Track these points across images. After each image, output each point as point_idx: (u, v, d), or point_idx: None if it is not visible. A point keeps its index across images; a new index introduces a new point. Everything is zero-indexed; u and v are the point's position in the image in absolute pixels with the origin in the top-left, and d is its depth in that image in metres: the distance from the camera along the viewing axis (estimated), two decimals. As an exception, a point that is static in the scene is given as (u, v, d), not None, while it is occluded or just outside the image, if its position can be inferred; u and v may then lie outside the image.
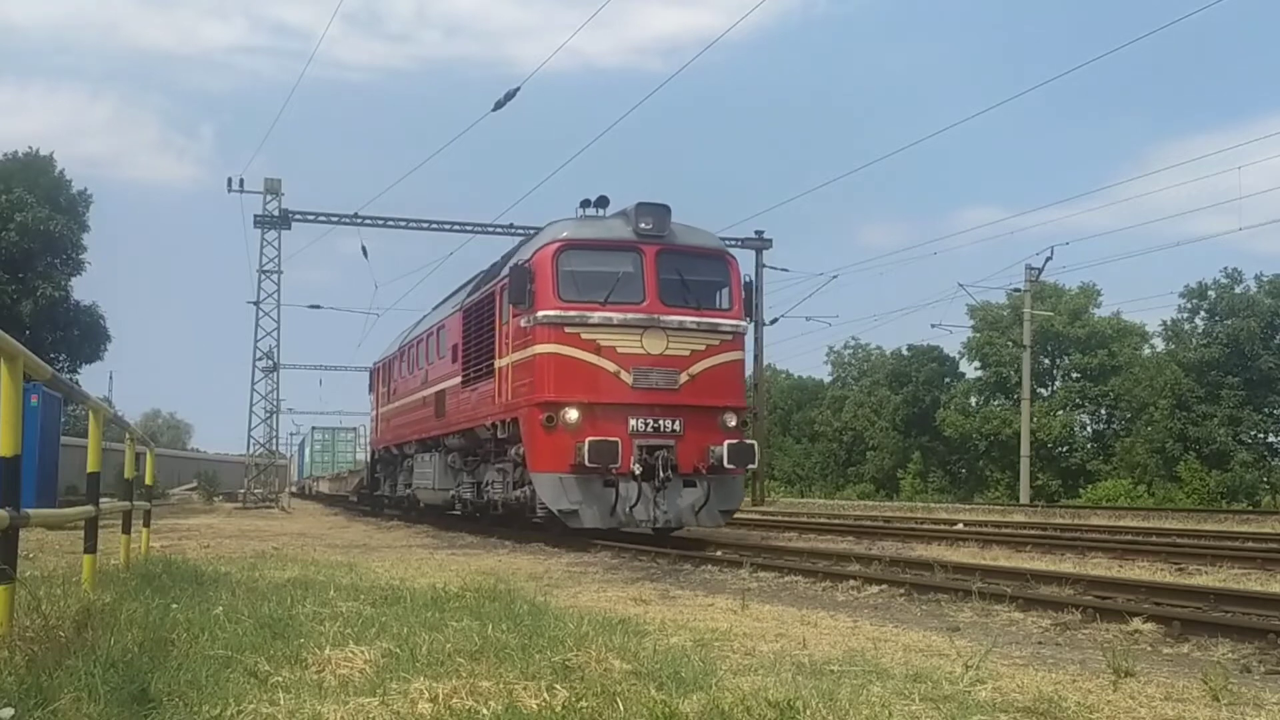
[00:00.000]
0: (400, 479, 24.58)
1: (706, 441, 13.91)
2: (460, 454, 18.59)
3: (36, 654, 3.96)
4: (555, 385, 13.80)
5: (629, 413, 13.64)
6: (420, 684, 3.87)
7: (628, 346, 13.84)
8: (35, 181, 40.02)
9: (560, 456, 13.49)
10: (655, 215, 14.42)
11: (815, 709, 3.72)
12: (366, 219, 34.14)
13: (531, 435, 13.97)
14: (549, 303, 13.98)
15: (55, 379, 5.35)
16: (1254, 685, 4.78)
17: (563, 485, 13.49)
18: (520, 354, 14.61)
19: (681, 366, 14.01)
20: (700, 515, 13.82)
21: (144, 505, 11.01)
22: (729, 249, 16.37)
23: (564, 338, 13.84)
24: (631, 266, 14.22)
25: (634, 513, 13.37)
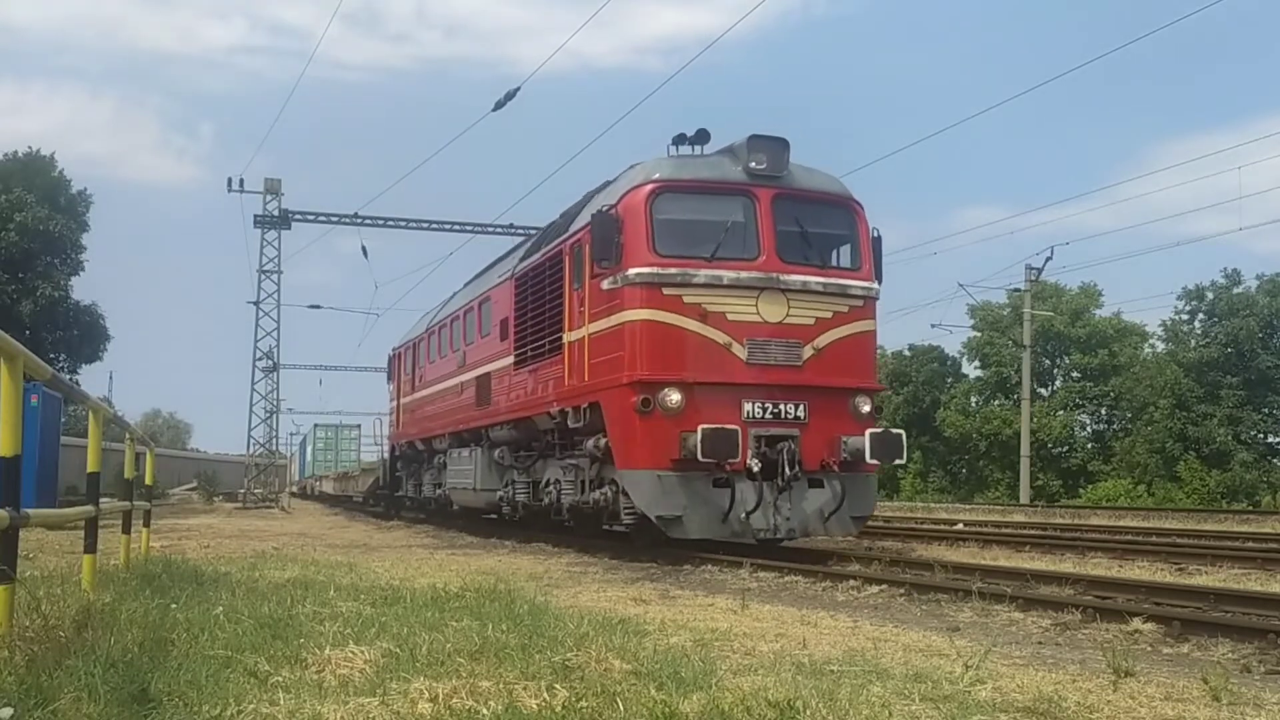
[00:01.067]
0: (427, 478, 21.85)
1: (836, 431, 11.57)
2: (510, 448, 15.93)
3: (36, 654, 3.95)
4: (652, 360, 11.32)
5: (742, 395, 11.25)
6: (420, 684, 3.87)
7: (740, 312, 11.40)
8: (35, 181, 40.05)
9: (659, 449, 11.03)
10: (771, 151, 11.91)
11: (815, 709, 3.72)
12: (366, 219, 34.20)
13: (621, 423, 11.45)
14: (642, 257, 11.42)
15: (55, 379, 5.35)
16: (1254, 685, 4.77)
17: (662, 485, 11.03)
18: (602, 323, 11.99)
19: (805, 338, 11.60)
20: (830, 523, 11.49)
21: (144, 505, 11.00)
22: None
23: (662, 301, 11.35)
24: (742, 214, 11.74)
25: (751, 520, 10.99)
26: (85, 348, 42.80)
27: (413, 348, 23.85)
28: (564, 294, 13.18)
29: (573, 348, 12.83)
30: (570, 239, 13.20)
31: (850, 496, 11.52)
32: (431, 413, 20.97)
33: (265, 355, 35.20)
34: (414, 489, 23.39)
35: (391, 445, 26.02)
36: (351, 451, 57.95)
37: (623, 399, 11.36)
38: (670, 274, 11.41)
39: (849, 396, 11.88)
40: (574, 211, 14.16)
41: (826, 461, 11.50)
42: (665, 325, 11.37)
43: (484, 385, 16.96)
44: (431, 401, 21.08)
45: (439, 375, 20.60)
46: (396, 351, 26.08)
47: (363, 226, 34.33)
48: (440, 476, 20.18)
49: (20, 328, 34.69)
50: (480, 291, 18.14)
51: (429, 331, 22.14)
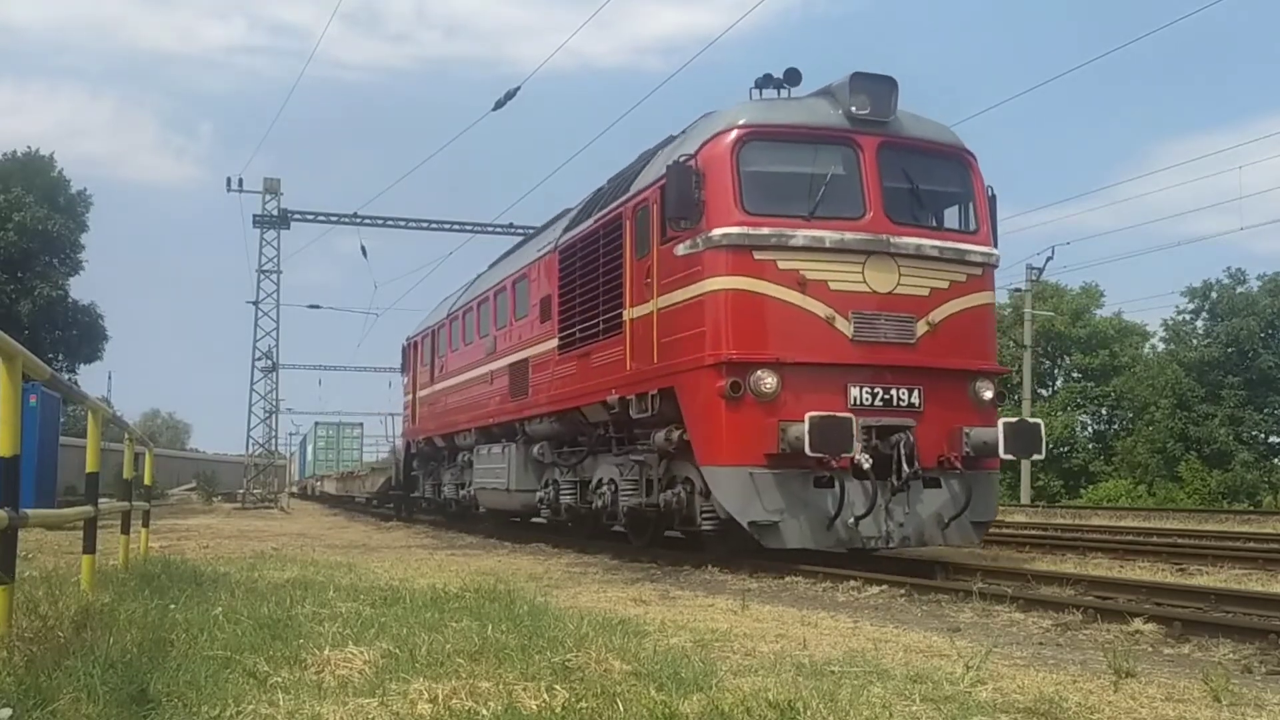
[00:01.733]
0: (448, 477, 20.15)
1: (955, 421, 10.10)
2: (552, 444, 14.35)
3: (35, 654, 3.95)
4: (742, 337, 9.78)
5: (848, 378, 9.79)
6: (420, 685, 3.87)
7: (844, 281, 9.90)
8: (34, 181, 40.09)
9: (751, 442, 9.56)
10: (876, 93, 10.33)
11: (816, 709, 3.71)
12: (366, 219, 34.21)
13: (703, 412, 9.95)
14: (729, 215, 9.87)
15: (54, 379, 5.34)
16: (1255, 686, 4.77)
17: (755, 485, 9.53)
18: (677, 296, 10.43)
19: (919, 311, 10.11)
20: (949, 530, 9.97)
21: (143, 505, 10.99)
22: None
23: (752, 267, 9.80)
24: (844, 166, 10.23)
25: (861, 527, 9.51)
26: (84, 347, 42.86)
27: (432, 335, 21.94)
28: (624, 265, 11.66)
29: (636, 326, 11.31)
30: (632, 200, 11.63)
31: (973, 499, 9.98)
32: (454, 405, 19.32)
33: (264, 355, 35.21)
34: (432, 489, 21.81)
35: (406, 442, 24.12)
36: (354, 451, 57.11)
37: (705, 383, 9.86)
38: (762, 235, 9.81)
39: (969, 380, 10.38)
40: (631, 172, 12.58)
41: (945, 457, 9.96)
42: (757, 296, 9.83)
43: (519, 373, 15.32)
44: (455, 393, 19.40)
45: (464, 364, 18.86)
46: (412, 340, 23.97)
47: (362, 226, 34.36)
48: (464, 476, 18.57)
49: (19, 327, 34.71)
50: (514, 269, 16.36)
51: (451, 317, 20.26)
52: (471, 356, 18.33)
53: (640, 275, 11.26)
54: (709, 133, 10.47)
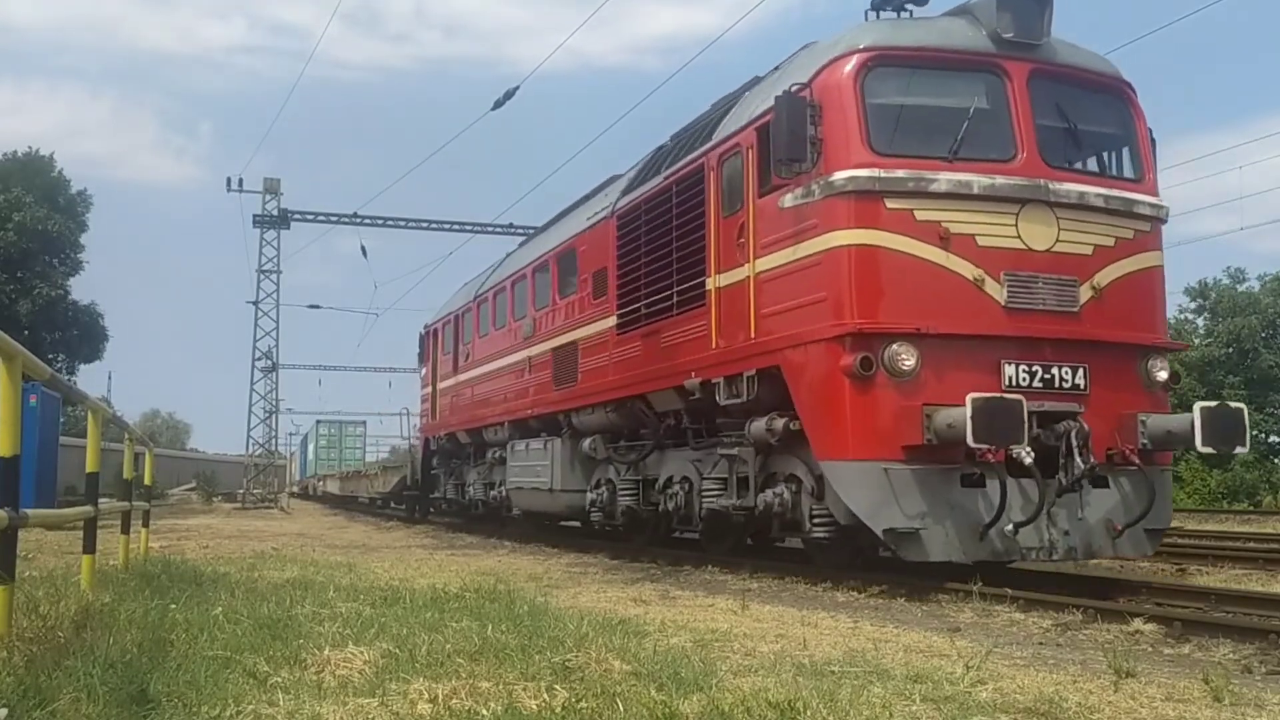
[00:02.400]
0: (474, 476, 18.56)
1: (1124, 406, 8.56)
2: (607, 437, 12.87)
3: (35, 654, 3.95)
4: (872, 303, 8.26)
5: (1001, 352, 8.28)
6: (420, 685, 3.87)
7: (995, 235, 8.37)
8: (34, 181, 40.10)
9: (885, 431, 8.06)
10: (1026, 11, 8.72)
11: (816, 709, 3.71)
12: (366, 219, 34.22)
13: (821, 394, 8.46)
14: (854, 155, 8.34)
15: (54, 379, 5.34)
16: (1255, 686, 4.77)
17: (891, 484, 7.99)
18: (784, 256, 8.91)
19: (1082, 274, 8.55)
20: (1121, 540, 8.39)
21: (143, 505, 11.00)
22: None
23: (884, 218, 8.27)
24: (989, 97, 8.69)
25: (1021, 536, 7.95)
26: (84, 347, 42.87)
27: (455, 321, 20.17)
28: (707, 225, 10.18)
29: (724, 296, 9.84)
30: (719, 148, 10.09)
31: (1151, 501, 8.37)
32: (483, 397, 17.59)
33: (264, 355, 35.24)
34: (454, 489, 20.33)
35: (425, 439, 22.32)
36: (356, 450, 56.41)
37: (824, 360, 8.38)
38: (897, 179, 8.29)
39: (1139, 357, 8.80)
40: (709, 120, 11.00)
41: (1117, 450, 8.41)
42: (890, 253, 8.25)
43: (566, 358, 13.67)
44: (483, 383, 17.66)
45: (494, 351, 17.20)
46: (431, 328, 22.16)
47: (362, 226, 34.38)
48: (494, 475, 17.01)
49: (19, 327, 34.72)
50: (557, 242, 14.66)
51: (479, 299, 18.44)
52: (504, 342, 16.67)
53: (729, 236, 9.74)
54: (825, 58, 8.83)
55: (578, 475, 13.51)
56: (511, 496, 15.74)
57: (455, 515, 21.22)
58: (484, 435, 17.62)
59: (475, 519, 19.48)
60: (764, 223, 9.25)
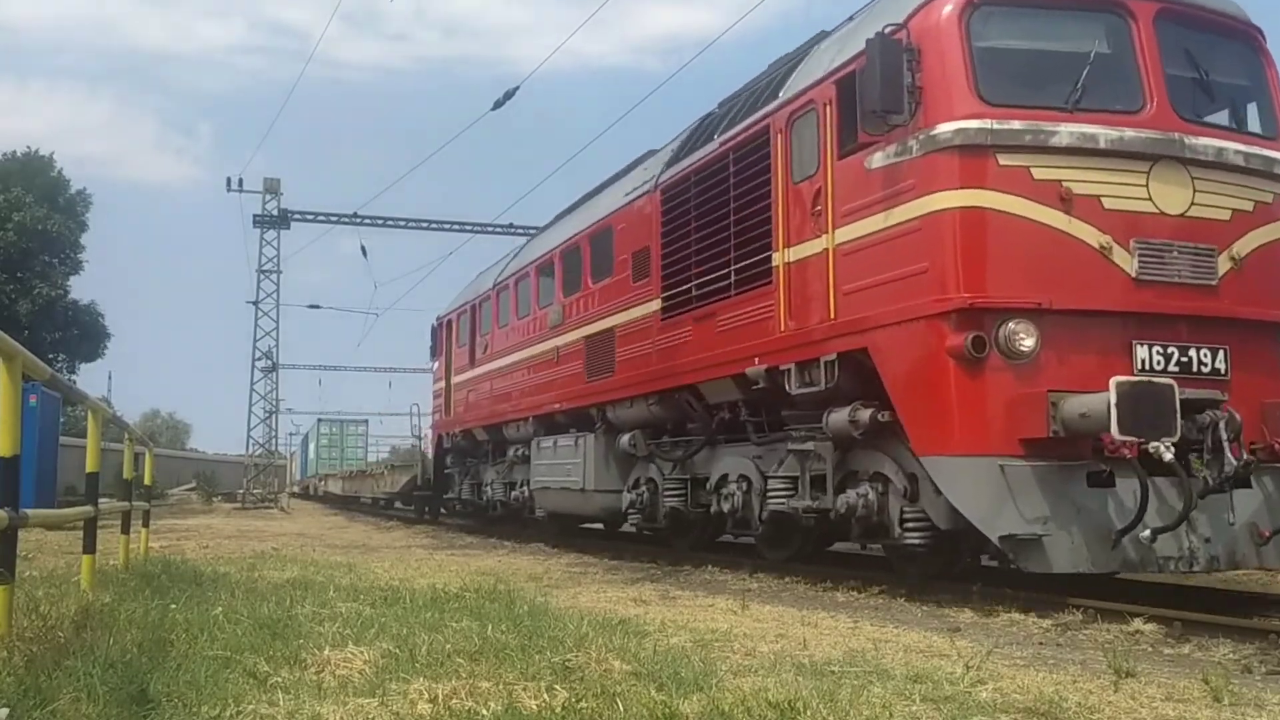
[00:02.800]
0: (492, 475, 17.62)
1: (1268, 393, 7.61)
2: (648, 432, 11.97)
3: (35, 654, 3.95)
4: (984, 274, 7.27)
5: (1133, 331, 7.32)
6: (420, 685, 3.87)
7: (1123, 197, 7.38)
8: (34, 181, 40.10)
9: (1000, 422, 7.11)
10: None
11: (816, 709, 3.71)
12: (366, 219, 34.23)
13: (923, 379, 7.49)
14: (961, 105, 7.38)
15: (54, 379, 5.35)
16: (1255, 686, 4.77)
17: (1008, 483, 6.99)
18: (871, 223, 7.94)
19: (1219, 241, 7.55)
20: (1267, 549, 7.39)
21: (143, 505, 11.01)
22: None
23: (996, 176, 7.27)
24: (1110, 41, 7.71)
25: (1159, 545, 6.97)
26: (84, 347, 42.86)
27: (471, 311, 19.10)
28: (773, 194, 9.20)
29: (795, 272, 8.89)
30: (788, 108, 9.14)
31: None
32: (504, 391, 16.57)
33: (264, 355, 35.26)
34: (470, 489, 19.31)
35: (437, 436, 21.27)
36: (358, 449, 55.52)
37: (925, 340, 7.42)
38: (1011, 132, 7.30)
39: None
40: (771, 80, 9.98)
41: (1263, 444, 7.44)
42: (1003, 216, 7.26)
43: (601, 347, 12.74)
44: (504, 376, 16.57)
45: (517, 342, 16.14)
46: (444, 319, 21.18)
47: (362, 226, 34.38)
48: (516, 474, 16.15)
49: (18, 327, 34.72)
50: (589, 222, 13.67)
51: (499, 287, 17.43)
52: (528, 332, 15.68)
53: (802, 204, 8.80)
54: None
55: (613, 474, 12.63)
56: (536, 497, 14.84)
57: (470, 517, 20.33)
58: (504, 432, 16.65)
59: (493, 521, 18.53)
60: (846, 187, 8.28)
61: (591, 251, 13.40)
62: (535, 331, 15.32)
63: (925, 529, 7.84)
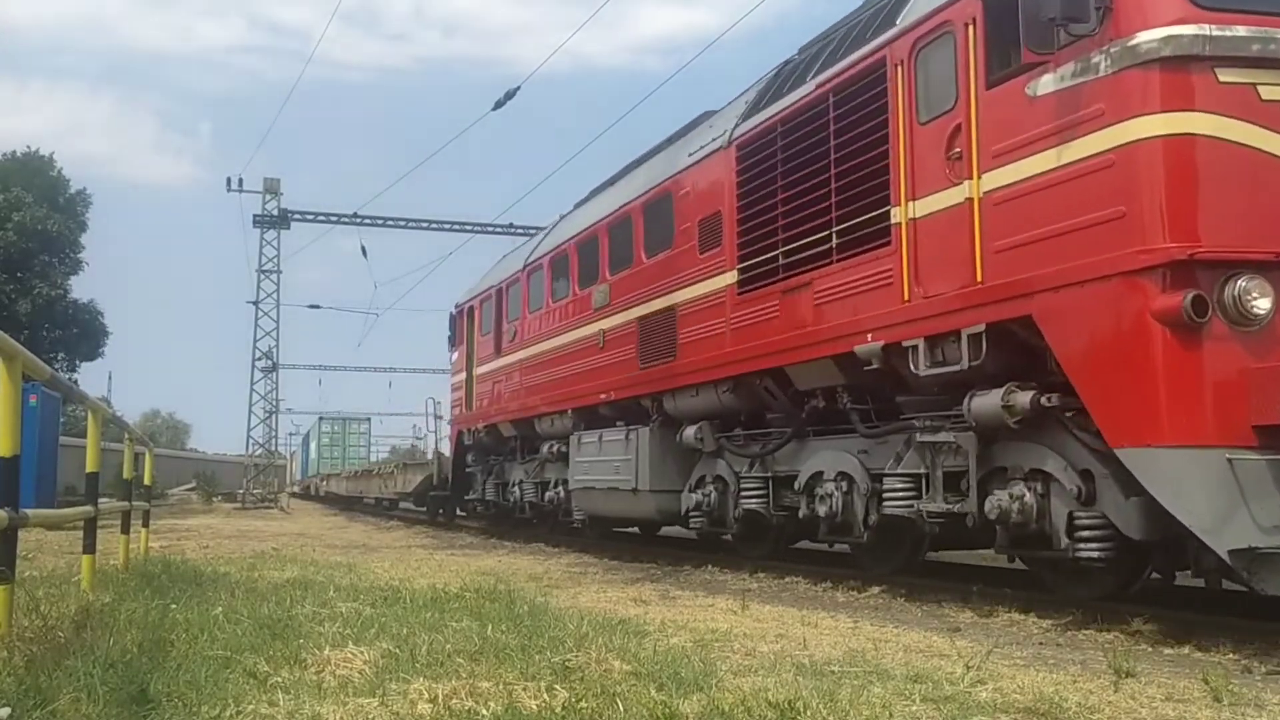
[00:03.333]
0: (520, 474, 16.11)
1: None
2: (717, 424, 10.62)
3: (35, 654, 3.95)
4: (1199, 220, 5.92)
5: None
6: (420, 684, 3.87)
7: None
8: (34, 181, 40.10)
9: (1227, 405, 5.77)
10: None
11: (816, 709, 3.71)
12: (366, 219, 34.24)
13: (1118, 351, 6.14)
14: (1167, 6, 6.09)
15: (54, 379, 5.35)
16: (1255, 685, 4.77)
17: (1239, 481, 5.66)
18: (1039, 161, 6.58)
19: None
20: None
21: (143, 505, 11.01)
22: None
23: (1214, 96, 5.94)
24: None
25: None
26: (84, 347, 42.84)
27: (497, 296, 17.32)
28: (891, 138, 7.87)
29: (922, 230, 7.58)
30: (911, 35, 7.77)
31: None
32: (536, 382, 15.01)
33: (264, 355, 35.26)
34: (495, 490, 17.62)
35: (457, 432, 19.63)
36: (360, 448, 54.82)
37: (1121, 302, 6.08)
38: (1235, 40, 5.98)
39: None
40: (881, 7, 8.64)
41: None
42: (1224, 146, 5.92)
43: (658, 329, 11.33)
44: (536, 366, 15.01)
45: (552, 327, 14.54)
46: (465, 306, 19.42)
47: (362, 226, 34.38)
48: (548, 472, 14.76)
49: (18, 327, 34.72)
50: (643, 189, 12.18)
51: (529, 268, 15.71)
52: (566, 316, 14.03)
53: (931, 148, 7.50)
54: None
55: (671, 472, 11.23)
56: (575, 498, 13.38)
57: (493, 519, 18.70)
58: (536, 426, 15.03)
59: (519, 524, 16.96)
60: (997, 122, 6.94)
61: (645, 222, 11.94)
62: (575, 315, 13.73)
63: (1106, 539, 6.51)
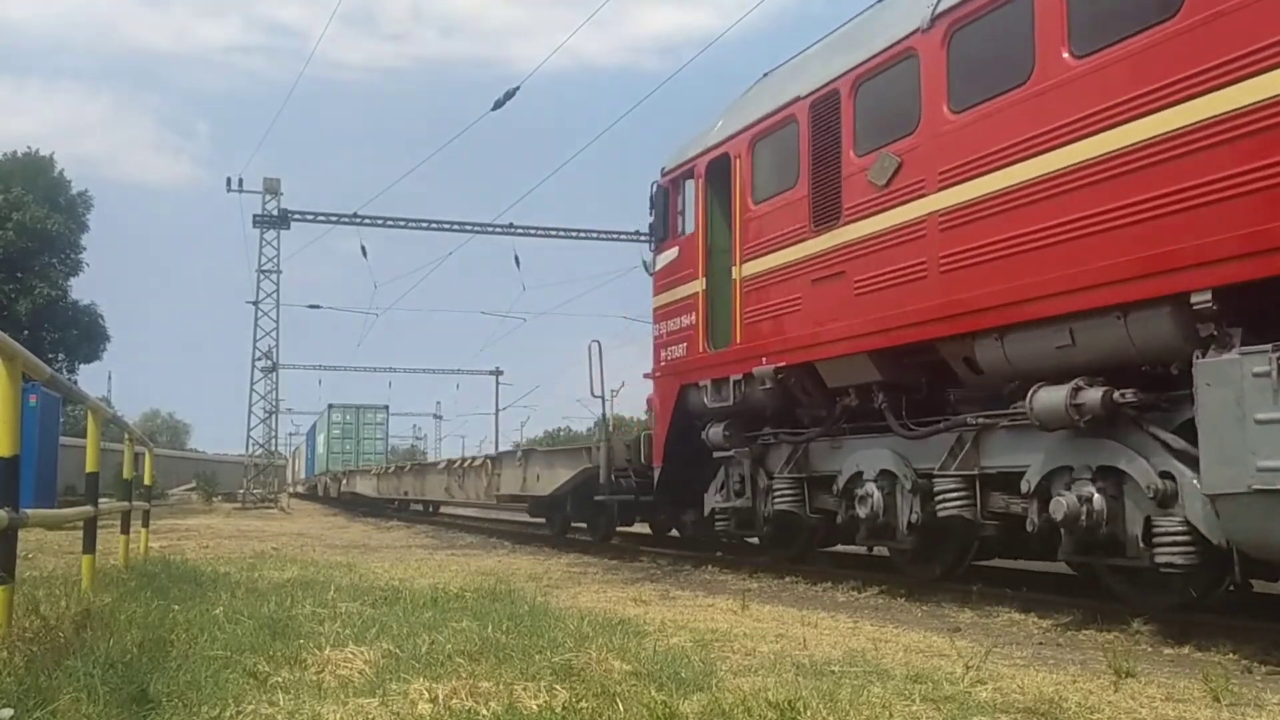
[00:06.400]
0: (853, 466, 8.79)
1: None
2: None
3: (36, 654, 3.95)
4: None
5: None
6: (420, 684, 3.87)
7: None
8: (35, 182, 40.08)
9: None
10: None
11: (816, 709, 3.71)
12: (366, 219, 34.20)
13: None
14: None
15: (54, 379, 5.34)
16: (1255, 686, 4.77)
17: None
18: None
19: None
20: None
21: (143, 505, 11.00)
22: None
23: None
24: None
25: None
26: (84, 347, 42.85)
27: (819, 112, 8.94)
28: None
29: None
30: None
31: None
32: (904, 273, 7.85)
33: (264, 355, 35.26)
34: (792, 493, 9.55)
35: (677, 389, 11.14)
36: (377, 440, 49.88)
37: None
38: None
39: None
40: None
41: None
42: None
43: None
44: (1009, 213, 6.90)
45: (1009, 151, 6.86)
46: (700, 162, 10.96)
47: (362, 226, 34.34)
48: (994, 456, 7.55)
49: (18, 327, 34.73)
50: None
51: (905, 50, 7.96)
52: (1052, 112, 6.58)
53: None
54: None
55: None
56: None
57: (774, 543, 10.71)
58: (1004, 349, 7.14)
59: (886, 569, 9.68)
60: None
61: None
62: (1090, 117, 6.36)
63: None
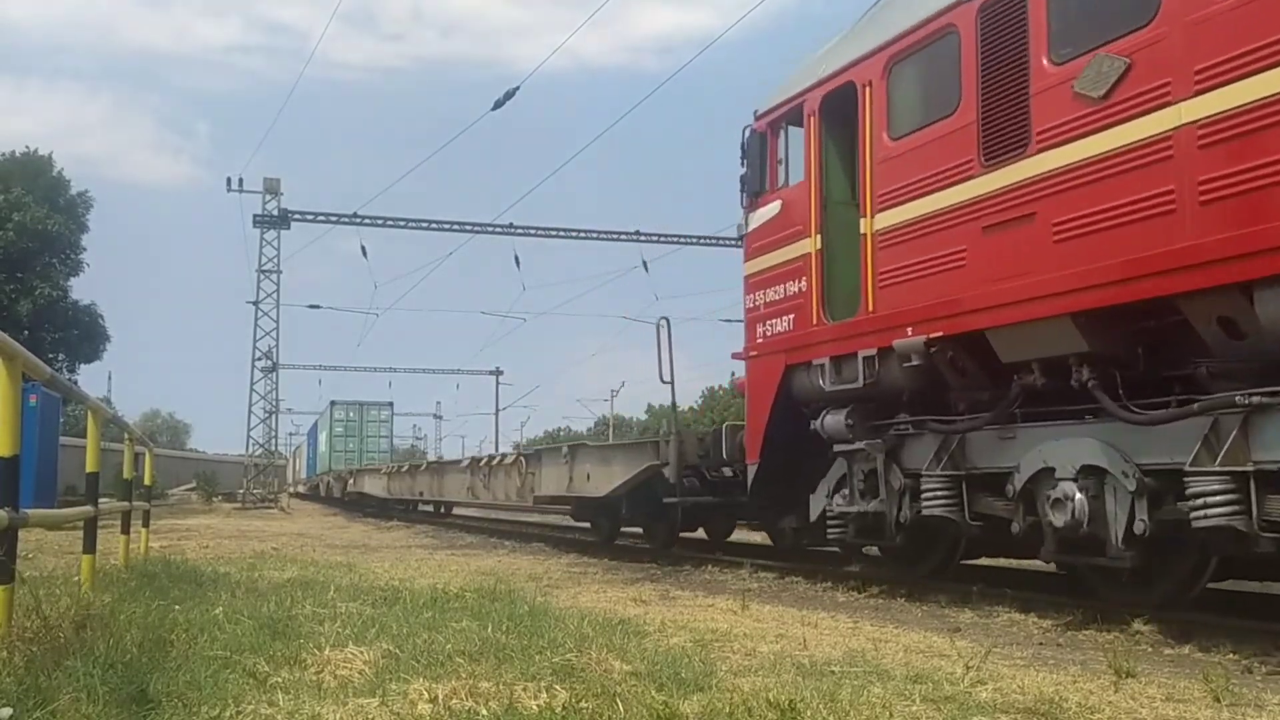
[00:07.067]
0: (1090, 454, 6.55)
1: None
2: None
3: (35, 654, 3.94)
4: None
5: None
6: (420, 685, 3.87)
7: None
8: (35, 182, 40.07)
9: None
10: None
11: (816, 709, 3.71)
12: (366, 219, 34.19)
13: None
14: None
15: (54, 379, 5.34)
16: (1255, 686, 4.77)
17: None
18: None
19: None
20: None
21: (143, 505, 11.00)
22: None
23: None
24: None
25: None
26: (84, 347, 42.82)
27: (971, 27, 7.26)
28: None
29: None
30: None
31: None
32: None
33: (264, 355, 35.27)
34: (948, 493, 7.77)
35: (783, 368, 9.51)
36: (381, 438, 49.37)
37: None
38: None
39: None
40: None
41: None
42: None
43: None
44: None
45: None
46: (811, 96, 9.31)
47: (362, 226, 34.34)
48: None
49: (19, 328, 34.72)
50: None
51: None
52: None
53: None
54: None
55: None
56: None
57: (901, 561, 9.37)
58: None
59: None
60: None
61: None
62: None
63: None
